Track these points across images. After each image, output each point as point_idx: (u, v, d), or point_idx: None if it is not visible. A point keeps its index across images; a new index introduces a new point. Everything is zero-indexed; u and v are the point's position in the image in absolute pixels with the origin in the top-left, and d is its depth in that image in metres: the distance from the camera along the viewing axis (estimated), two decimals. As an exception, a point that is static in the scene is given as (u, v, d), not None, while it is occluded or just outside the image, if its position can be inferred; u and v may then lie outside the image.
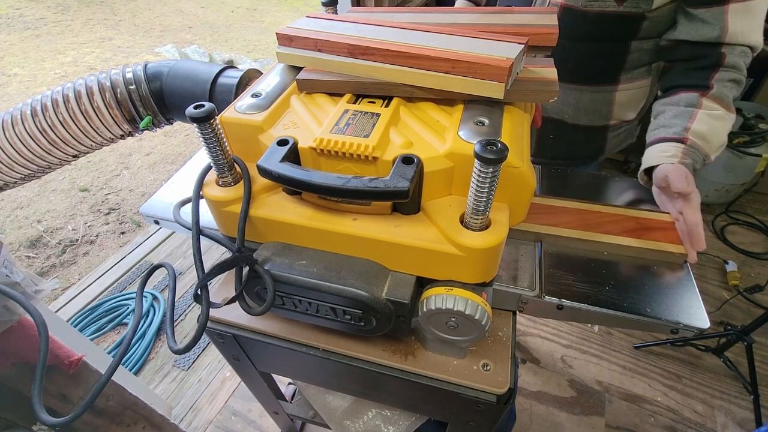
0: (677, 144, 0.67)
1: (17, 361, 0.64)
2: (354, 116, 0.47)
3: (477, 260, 0.43)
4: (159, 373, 1.55)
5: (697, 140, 0.67)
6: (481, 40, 0.49)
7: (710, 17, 0.70)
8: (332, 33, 0.54)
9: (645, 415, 1.42)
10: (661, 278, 0.60)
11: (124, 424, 0.84)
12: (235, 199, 0.47)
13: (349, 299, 0.45)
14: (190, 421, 1.42)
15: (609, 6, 0.76)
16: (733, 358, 1.52)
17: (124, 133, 0.78)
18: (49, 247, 2.09)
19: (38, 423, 0.64)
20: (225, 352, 0.70)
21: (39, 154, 0.76)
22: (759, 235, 2.10)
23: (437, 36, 0.51)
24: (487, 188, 0.37)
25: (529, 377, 1.53)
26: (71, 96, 0.72)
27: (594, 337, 1.66)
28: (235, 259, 0.46)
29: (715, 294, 1.81)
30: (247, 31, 4.77)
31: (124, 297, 1.78)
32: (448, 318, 0.46)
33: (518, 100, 0.49)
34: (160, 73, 0.73)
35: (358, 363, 0.58)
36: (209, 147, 0.44)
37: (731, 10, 0.68)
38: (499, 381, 0.54)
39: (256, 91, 0.53)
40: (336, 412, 0.84)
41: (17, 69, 3.58)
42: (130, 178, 2.58)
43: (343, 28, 0.55)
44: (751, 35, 0.70)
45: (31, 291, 0.61)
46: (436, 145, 0.44)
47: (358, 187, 0.39)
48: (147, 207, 0.71)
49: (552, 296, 0.57)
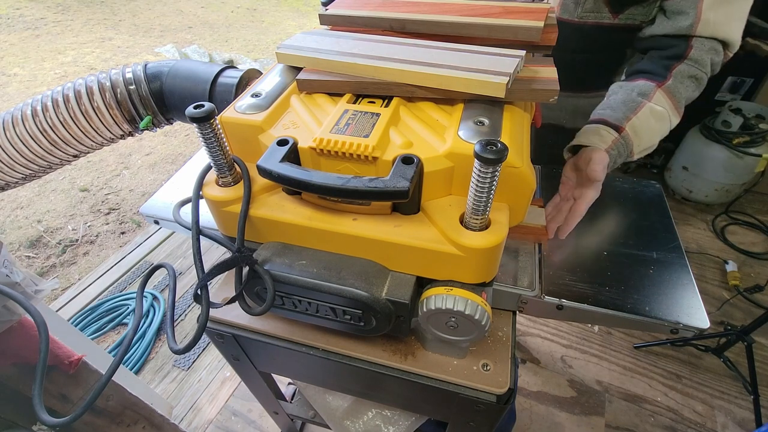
0: (613, 131, 0.66)
1: (17, 361, 0.64)
2: (354, 116, 0.47)
3: (477, 260, 0.43)
4: (159, 373, 1.55)
5: (632, 134, 0.66)
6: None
7: (686, 5, 0.67)
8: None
9: (645, 415, 1.42)
10: (661, 278, 0.60)
11: (124, 424, 0.84)
12: (235, 199, 0.47)
13: (349, 299, 0.45)
14: (190, 421, 1.42)
15: (605, 18, 0.77)
16: (733, 358, 1.52)
17: (124, 133, 0.78)
18: (49, 247, 2.09)
19: (38, 423, 0.64)
20: (225, 352, 0.71)
21: (39, 154, 0.76)
22: (759, 235, 2.10)
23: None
24: (487, 188, 0.37)
25: (529, 377, 1.53)
26: (71, 96, 0.72)
27: (594, 337, 1.66)
28: (235, 259, 0.46)
29: (715, 294, 1.81)
30: (247, 31, 4.77)
31: (124, 297, 1.78)
32: (448, 318, 0.46)
33: (518, 100, 0.49)
34: (160, 73, 0.73)
35: (358, 363, 0.58)
36: (209, 147, 0.44)
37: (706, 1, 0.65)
38: (499, 381, 0.54)
39: (256, 91, 0.53)
40: (336, 412, 0.83)
41: (17, 69, 3.58)
42: (130, 178, 2.58)
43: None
44: (725, 28, 0.67)
45: (31, 291, 0.62)
46: (436, 145, 0.44)
47: (358, 187, 0.39)
48: (147, 207, 0.71)
49: (552, 296, 0.57)
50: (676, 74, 0.68)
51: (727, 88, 2.13)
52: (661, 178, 2.38)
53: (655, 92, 0.67)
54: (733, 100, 2.11)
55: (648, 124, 0.67)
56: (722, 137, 1.98)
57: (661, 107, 0.67)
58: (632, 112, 0.66)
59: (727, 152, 1.98)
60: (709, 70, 0.69)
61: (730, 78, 2.09)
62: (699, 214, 2.23)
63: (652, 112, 0.67)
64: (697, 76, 0.68)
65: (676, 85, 0.68)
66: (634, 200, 0.78)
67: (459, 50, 0.51)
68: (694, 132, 2.14)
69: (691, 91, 0.69)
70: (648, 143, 0.68)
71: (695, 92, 0.70)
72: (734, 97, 2.13)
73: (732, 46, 0.69)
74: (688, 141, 2.17)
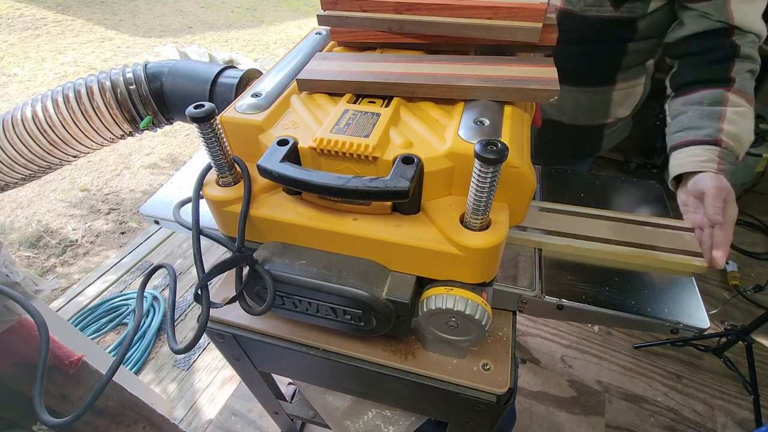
0: (712, 147, 0.63)
1: (17, 361, 0.64)
2: (354, 116, 0.47)
3: (477, 260, 0.43)
4: (159, 373, 1.55)
5: (731, 141, 0.63)
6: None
7: (712, 10, 0.67)
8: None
9: (645, 415, 1.42)
10: (661, 278, 0.60)
11: (124, 424, 0.84)
12: (235, 199, 0.47)
13: (349, 299, 0.45)
14: (190, 421, 1.42)
15: (606, 11, 0.76)
16: (733, 358, 1.51)
17: (125, 133, 0.78)
18: (49, 247, 2.09)
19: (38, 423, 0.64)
20: (225, 352, 0.70)
21: (39, 154, 0.76)
22: (759, 235, 2.10)
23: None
24: (487, 188, 0.37)
25: (529, 377, 1.53)
26: (71, 96, 0.72)
27: (594, 337, 1.66)
28: (235, 259, 0.46)
29: (715, 294, 1.81)
30: (247, 31, 4.77)
31: (124, 297, 1.78)
32: (448, 318, 0.46)
33: (518, 100, 0.49)
34: (160, 73, 0.73)
35: (358, 363, 0.58)
36: (209, 147, 0.44)
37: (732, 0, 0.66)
38: (499, 381, 0.54)
39: (256, 90, 0.53)
40: (336, 412, 0.83)
41: (17, 69, 3.58)
42: (130, 178, 2.58)
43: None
44: (756, 22, 0.67)
45: (31, 291, 0.62)
46: (437, 145, 0.44)
47: (358, 187, 0.39)
48: (147, 207, 0.71)
49: (552, 296, 0.57)
50: (737, 73, 0.67)
51: (727, 88, 2.12)
52: (661, 178, 2.37)
53: (727, 97, 0.66)
54: (733, 100, 2.11)
55: (739, 124, 0.64)
56: (722, 137, 1.98)
57: (740, 108, 0.66)
58: (719, 122, 0.64)
59: (727, 152, 1.98)
60: (759, 61, 0.69)
61: (730, 78, 2.09)
62: (699, 214, 2.23)
63: (736, 114, 0.65)
64: (753, 69, 0.68)
65: (743, 82, 0.67)
66: (634, 200, 0.78)
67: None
68: (694, 132, 2.14)
69: (752, 82, 0.68)
70: (748, 141, 0.66)
71: (754, 83, 0.69)
72: (734, 97, 2.13)
73: (763, 37, 0.69)
74: (688, 141, 2.17)
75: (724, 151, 0.63)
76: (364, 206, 0.45)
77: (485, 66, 0.52)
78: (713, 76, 0.69)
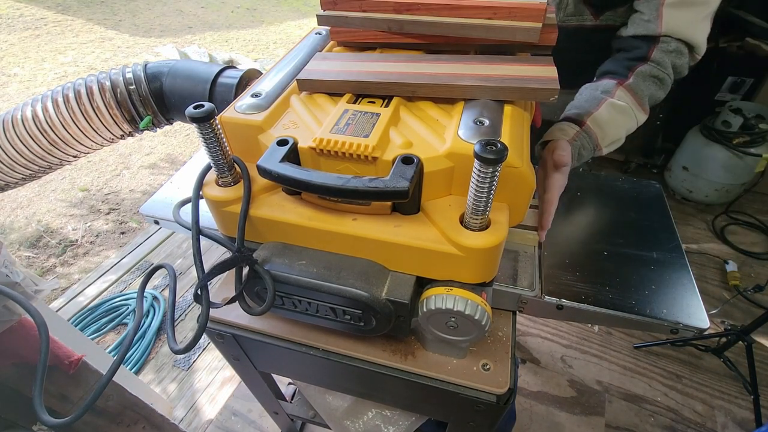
0: (575, 126, 0.68)
1: (17, 361, 0.64)
2: (354, 116, 0.47)
3: (477, 260, 0.43)
4: (159, 373, 1.55)
5: (594, 127, 0.67)
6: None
7: (646, 9, 0.69)
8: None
9: (645, 415, 1.42)
10: (660, 278, 0.60)
11: (124, 424, 0.84)
12: (235, 199, 0.47)
13: (349, 299, 0.45)
14: (190, 421, 1.42)
15: (587, 21, 0.79)
16: (733, 358, 1.52)
17: (124, 133, 0.78)
18: (49, 247, 2.09)
19: (38, 423, 0.64)
20: (225, 352, 0.71)
21: (39, 154, 0.76)
22: (759, 235, 2.10)
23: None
24: (487, 188, 0.37)
25: (529, 377, 1.53)
26: (71, 96, 0.72)
27: (594, 337, 1.66)
28: (235, 259, 0.46)
29: (715, 294, 1.81)
30: (247, 31, 4.77)
31: (124, 297, 1.78)
32: (448, 318, 0.46)
33: (518, 99, 0.49)
34: (160, 73, 0.73)
35: (358, 363, 0.58)
36: (209, 147, 0.44)
37: (666, 3, 0.67)
38: (499, 381, 0.54)
39: (256, 91, 0.53)
40: (336, 412, 0.83)
41: (17, 69, 3.58)
42: (130, 178, 2.58)
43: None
44: (687, 30, 0.68)
45: (31, 291, 0.62)
46: (436, 145, 0.44)
47: (358, 187, 0.39)
48: (147, 207, 0.71)
49: (552, 296, 0.57)
50: (638, 74, 0.69)
51: (727, 88, 2.12)
52: (661, 178, 2.38)
53: (616, 89, 0.69)
54: (734, 100, 2.11)
55: (611, 117, 0.68)
56: (722, 137, 1.98)
57: (623, 102, 0.68)
58: (594, 108, 0.68)
59: (727, 152, 1.98)
60: (671, 72, 0.70)
61: (730, 78, 2.09)
62: (699, 214, 2.23)
63: (613, 106, 0.68)
64: (659, 76, 0.69)
65: (638, 83, 0.69)
66: (634, 200, 0.78)
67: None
68: (694, 132, 2.14)
69: (654, 90, 0.70)
70: (614, 136, 0.69)
71: (659, 92, 0.71)
72: (734, 97, 2.13)
73: (697, 48, 0.70)
74: (688, 141, 2.17)
75: (582, 132, 0.67)
76: (363, 206, 0.45)
77: (485, 65, 0.52)
78: (616, 69, 0.72)
